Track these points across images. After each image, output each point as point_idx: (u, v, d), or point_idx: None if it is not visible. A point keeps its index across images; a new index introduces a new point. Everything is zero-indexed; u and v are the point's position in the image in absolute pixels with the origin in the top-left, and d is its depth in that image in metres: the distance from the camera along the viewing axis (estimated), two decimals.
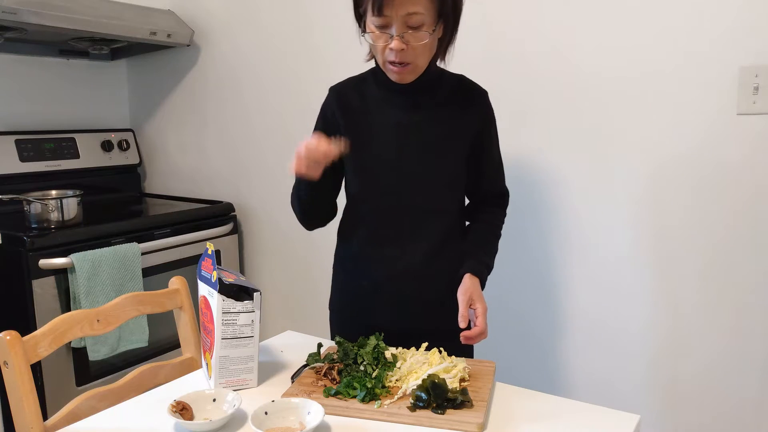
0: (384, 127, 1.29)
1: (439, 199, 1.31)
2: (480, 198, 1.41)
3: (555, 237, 1.83)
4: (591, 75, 1.71)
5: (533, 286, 1.88)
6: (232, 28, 2.48)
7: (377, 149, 1.30)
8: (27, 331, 1.10)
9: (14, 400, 1.04)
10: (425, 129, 1.28)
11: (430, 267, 1.32)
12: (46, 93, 2.61)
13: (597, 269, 1.77)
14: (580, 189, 1.77)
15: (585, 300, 1.80)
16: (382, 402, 1.03)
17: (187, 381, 1.21)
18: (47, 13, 2.06)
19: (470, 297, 1.24)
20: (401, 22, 1.13)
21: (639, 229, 1.69)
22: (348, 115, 1.32)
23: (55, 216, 2.03)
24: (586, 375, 1.83)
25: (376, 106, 1.30)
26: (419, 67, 1.22)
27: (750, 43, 1.49)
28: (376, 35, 1.18)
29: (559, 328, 1.86)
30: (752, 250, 1.55)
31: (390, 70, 1.22)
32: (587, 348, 1.82)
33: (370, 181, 1.33)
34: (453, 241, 1.34)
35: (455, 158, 1.31)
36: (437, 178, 1.30)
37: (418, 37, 1.15)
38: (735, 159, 1.54)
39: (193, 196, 2.72)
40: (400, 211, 1.31)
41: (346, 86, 1.36)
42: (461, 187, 1.36)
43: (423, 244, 1.31)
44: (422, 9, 1.13)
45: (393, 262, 1.32)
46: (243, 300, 1.12)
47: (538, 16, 1.77)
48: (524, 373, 1.92)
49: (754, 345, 1.57)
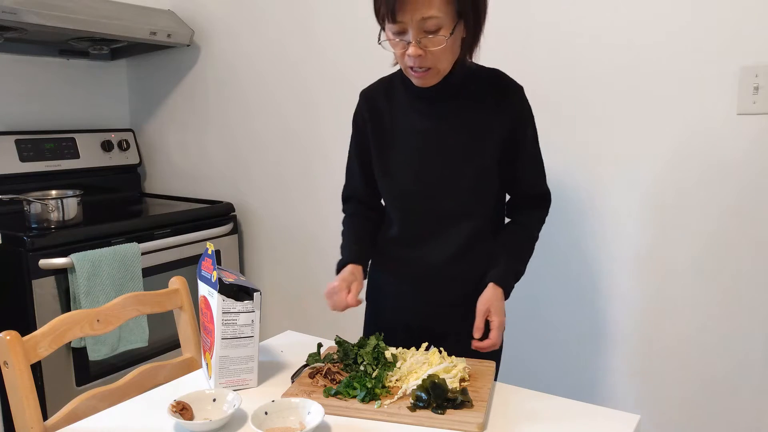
0: (408, 132, 1.28)
1: (464, 203, 1.28)
2: (519, 199, 1.36)
3: (557, 240, 1.83)
4: (591, 75, 1.71)
5: (530, 287, 1.88)
6: (232, 28, 2.48)
7: (400, 155, 1.29)
8: (27, 331, 1.10)
9: (14, 400, 1.04)
10: (450, 134, 1.25)
11: (454, 270, 1.31)
12: (46, 93, 2.61)
13: (596, 269, 1.77)
14: (581, 189, 1.77)
15: (585, 302, 1.80)
16: (382, 402, 1.03)
17: (187, 381, 1.21)
18: (47, 13, 2.06)
19: (488, 309, 1.23)
20: (417, 27, 1.10)
21: (639, 230, 1.69)
22: (375, 120, 1.31)
23: (55, 216, 2.03)
24: (586, 375, 1.83)
25: (401, 111, 1.29)
26: (441, 70, 1.18)
27: (750, 43, 1.49)
28: (393, 42, 1.15)
29: (557, 329, 1.86)
30: (753, 249, 1.55)
31: (412, 75, 1.19)
32: (587, 347, 1.82)
33: (393, 186, 1.32)
34: (481, 245, 1.31)
35: (482, 161, 1.26)
36: (461, 183, 1.26)
37: (435, 41, 1.12)
38: (735, 159, 1.54)
39: (193, 196, 2.72)
40: (424, 215, 1.30)
41: (375, 90, 1.34)
42: (490, 190, 1.30)
43: (448, 247, 1.29)
44: (438, 12, 1.09)
45: (418, 264, 1.32)
46: (243, 300, 1.12)
47: (538, 15, 1.77)
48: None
49: (754, 345, 1.57)
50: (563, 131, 1.77)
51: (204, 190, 2.70)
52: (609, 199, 1.73)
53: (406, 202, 1.32)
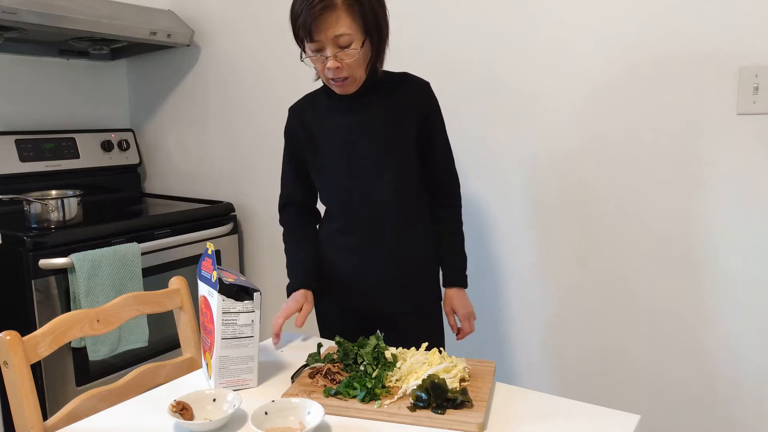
0: (333, 130, 1.42)
1: (394, 189, 1.41)
2: (434, 185, 1.50)
3: (546, 238, 1.83)
4: (590, 75, 1.71)
5: (531, 286, 1.88)
6: (232, 28, 2.48)
7: (330, 152, 1.43)
8: (27, 331, 1.10)
9: (14, 400, 1.04)
10: (372, 127, 1.40)
11: (394, 254, 1.44)
12: (46, 93, 2.62)
13: (596, 270, 1.77)
14: (581, 189, 1.77)
15: (585, 301, 1.80)
16: (382, 402, 1.03)
17: (187, 381, 1.21)
18: (47, 13, 2.06)
19: (450, 309, 1.50)
20: (332, 43, 1.27)
21: (638, 229, 1.69)
22: (305, 127, 1.45)
23: (55, 216, 2.03)
24: (586, 375, 1.83)
25: (326, 113, 1.43)
26: (358, 78, 1.34)
27: (750, 43, 1.49)
28: (314, 58, 1.31)
29: (558, 328, 1.86)
30: (752, 250, 1.55)
31: (333, 85, 1.35)
32: (587, 348, 1.82)
33: (328, 182, 1.46)
34: (416, 226, 1.47)
35: (404, 150, 1.42)
36: (388, 170, 1.40)
37: (349, 54, 1.28)
38: (735, 159, 1.54)
39: (193, 196, 2.72)
40: (359, 206, 1.43)
41: (302, 103, 1.50)
42: (414, 175, 1.45)
43: (385, 233, 1.43)
44: (347, 29, 1.26)
45: (359, 252, 1.45)
46: (243, 300, 1.12)
47: (538, 15, 1.77)
48: (523, 373, 1.92)
49: (754, 346, 1.57)
50: (563, 131, 1.77)
51: (204, 190, 2.70)
52: (609, 200, 1.73)
53: (343, 194, 1.44)
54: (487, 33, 1.86)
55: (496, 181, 1.91)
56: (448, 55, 1.94)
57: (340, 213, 1.47)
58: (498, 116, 1.87)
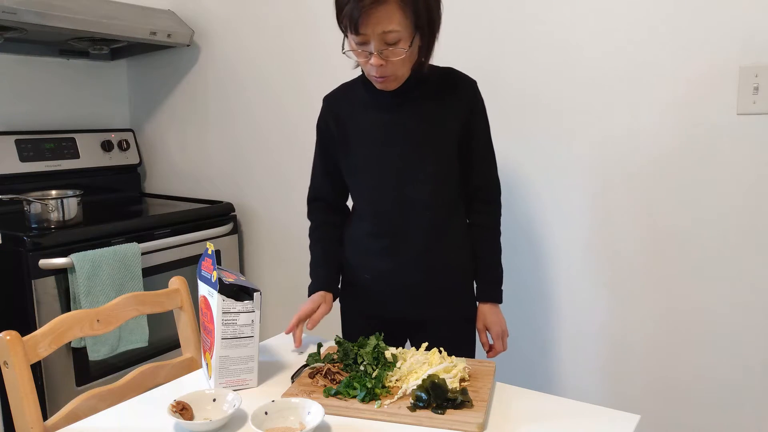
0: (369, 127, 1.34)
1: (429, 191, 1.34)
2: (473, 190, 1.42)
3: (549, 239, 1.83)
4: (590, 74, 1.71)
5: (531, 287, 1.88)
6: (233, 28, 2.48)
7: (364, 149, 1.35)
8: (27, 331, 1.10)
9: (14, 400, 1.04)
10: (410, 125, 1.32)
11: (427, 258, 1.36)
12: (46, 93, 2.61)
13: (595, 270, 1.77)
14: (580, 189, 1.77)
15: (585, 301, 1.80)
16: (382, 402, 1.03)
17: (187, 381, 1.21)
18: (47, 13, 2.06)
19: (484, 326, 1.42)
20: (378, 39, 1.17)
21: (638, 229, 1.69)
22: (339, 121, 1.37)
23: (55, 216, 2.03)
24: (586, 375, 1.83)
25: (362, 109, 1.35)
26: (401, 77, 1.27)
27: (750, 43, 1.49)
28: (357, 52, 1.22)
29: (556, 330, 1.86)
30: (753, 249, 1.54)
31: (374, 80, 1.27)
32: (587, 347, 1.82)
33: (360, 180, 1.39)
34: (450, 232, 1.38)
35: (443, 151, 1.33)
36: (424, 172, 1.32)
37: (395, 52, 1.19)
38: (735, 159, 1.54)
39: (193, 196, 2.72)
40: (392, 206, 1.35)
41: (336, 94, 1.42)
42: (452, 178, 1.37)
43: (418, 235, 1.35)
44: (397, 26, 1.16)
45: (391, 255, 1.37)
46: (243, 300, 1.12)
47: (538, 15, 1.77)
48: (522, 373, 1.92)
49: (754, 346, 1.57)
50: (563, 131, 1.77)
51: (204, 190, 2.70)
52: (609, 200, 1.73)
53: (375, 195, 1.37)
54: (487, 34, 1.86)
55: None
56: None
57: (369, 213, 1.39)
58: (498, 117, 1.87)
